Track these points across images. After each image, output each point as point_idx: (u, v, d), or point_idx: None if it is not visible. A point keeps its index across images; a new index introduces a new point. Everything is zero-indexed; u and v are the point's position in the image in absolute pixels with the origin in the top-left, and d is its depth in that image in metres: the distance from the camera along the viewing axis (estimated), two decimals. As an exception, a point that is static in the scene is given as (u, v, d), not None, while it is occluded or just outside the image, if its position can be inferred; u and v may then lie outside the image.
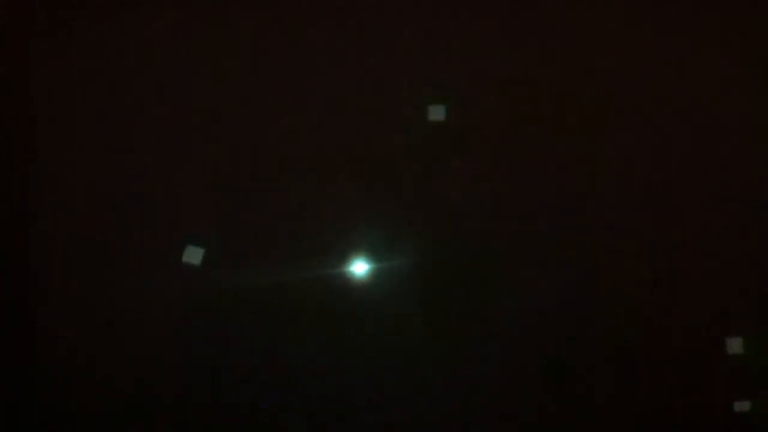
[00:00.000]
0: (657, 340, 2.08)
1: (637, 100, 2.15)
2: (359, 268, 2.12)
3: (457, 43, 2.16)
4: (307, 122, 2.15)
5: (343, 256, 2.12)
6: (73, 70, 2.15)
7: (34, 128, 2.14)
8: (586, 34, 2.17)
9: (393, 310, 2.11)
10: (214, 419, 2.05)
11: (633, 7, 2.18)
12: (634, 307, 2.09)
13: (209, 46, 2.16)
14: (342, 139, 2.14)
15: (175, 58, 2.16)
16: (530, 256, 2.12)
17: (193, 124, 2.15)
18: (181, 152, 2.14)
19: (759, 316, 2.08)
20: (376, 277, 2.13)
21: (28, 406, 2.03)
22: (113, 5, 2.17)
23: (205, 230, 2.12)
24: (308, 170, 2.13)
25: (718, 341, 2.07)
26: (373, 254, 2.11)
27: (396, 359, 2.09)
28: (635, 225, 2.12)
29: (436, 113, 2.12)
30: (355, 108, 2.16)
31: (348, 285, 2.12)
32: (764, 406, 2.04)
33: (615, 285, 2.10)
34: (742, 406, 2.04)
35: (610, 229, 2.11)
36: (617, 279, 2.10)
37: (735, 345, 2.07)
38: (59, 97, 2.15)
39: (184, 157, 2.14)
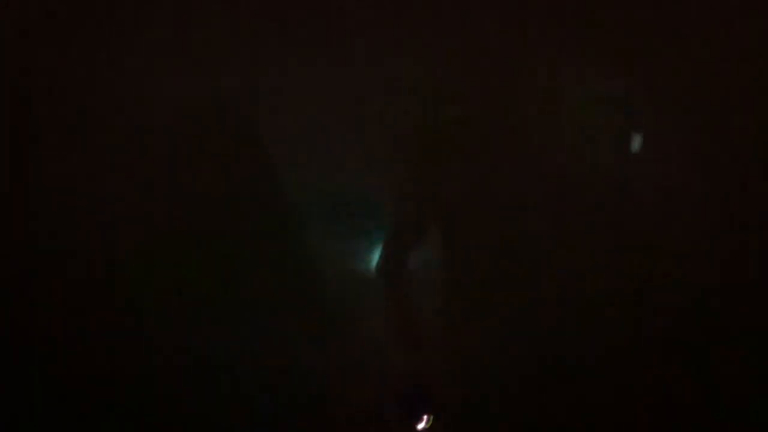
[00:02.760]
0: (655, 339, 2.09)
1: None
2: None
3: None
4: (305, 122, 2.17)
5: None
6: (73, 69, 2.17)
7: (34, 128, 2.16)
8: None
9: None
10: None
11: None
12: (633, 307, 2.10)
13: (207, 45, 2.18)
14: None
15: (175, 57, 2.18)
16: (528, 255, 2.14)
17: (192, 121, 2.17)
18: (179, 151, 2.16)
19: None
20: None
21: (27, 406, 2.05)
22: (113, 5, 2.19)
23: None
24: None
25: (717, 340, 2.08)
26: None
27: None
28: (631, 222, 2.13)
29: None
30: (350, 107, 2.18)
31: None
32: None
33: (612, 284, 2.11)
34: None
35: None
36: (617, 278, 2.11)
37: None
38: (59, 97, 2.17)
39: (183, 156, 2.16)
